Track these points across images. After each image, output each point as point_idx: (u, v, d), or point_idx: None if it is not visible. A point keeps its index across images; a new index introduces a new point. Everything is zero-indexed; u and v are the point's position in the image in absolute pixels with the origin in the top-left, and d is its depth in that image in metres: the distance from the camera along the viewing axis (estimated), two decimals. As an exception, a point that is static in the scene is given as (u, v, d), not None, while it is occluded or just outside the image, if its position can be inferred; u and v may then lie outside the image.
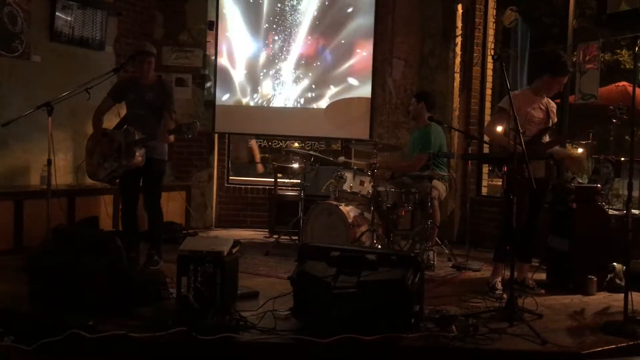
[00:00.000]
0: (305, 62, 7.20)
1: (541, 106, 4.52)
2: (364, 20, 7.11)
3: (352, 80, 7.16)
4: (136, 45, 6.72)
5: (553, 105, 4.63)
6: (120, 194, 5.04)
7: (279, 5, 7.19)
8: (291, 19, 7.19)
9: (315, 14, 7.16)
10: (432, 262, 5.21)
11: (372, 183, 5.24)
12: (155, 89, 4.81)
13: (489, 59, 6.76)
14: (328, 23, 7.16)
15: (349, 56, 7.14)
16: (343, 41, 7.15)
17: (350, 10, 7.14)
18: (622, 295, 3.72)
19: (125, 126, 4.81)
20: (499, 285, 4.38)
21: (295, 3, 7.17)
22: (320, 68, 7.19)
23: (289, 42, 7.20)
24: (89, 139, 4.97)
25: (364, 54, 7.11)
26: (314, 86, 7.20)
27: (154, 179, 4.87)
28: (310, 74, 7.21)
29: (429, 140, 5.54)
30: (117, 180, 4.94)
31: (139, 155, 4.63)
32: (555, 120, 4.67)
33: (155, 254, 4.80)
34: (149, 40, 6.94)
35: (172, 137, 4.60)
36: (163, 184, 5.04)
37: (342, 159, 6.50)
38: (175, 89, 6.17)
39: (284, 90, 7.24)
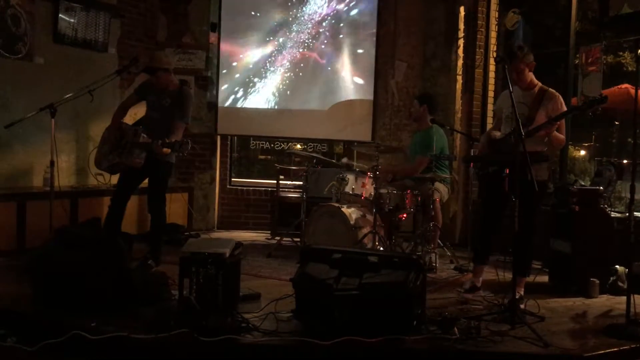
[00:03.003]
0: (307, 64, 7.21)
1: (526, 101, 4.11)
2: (366, 22, 7.12)
3: (354, 83, 7.17)
4: (139, 47, 6.79)
5: (550, 95, 4.11)
6: (115, 188, 5.03)
7: (281, 6, 7.20)
8: (294, 21, 7.20)
9: (318, 16, 7.17)
10: (434, 264, 5.21)
11: (374, 185, 5.24)
12: (173, 96, 4.78)
13: (491, 61, 6.76)
14: (330, 25, 7.17)
15: (351, 58, 7.15)
16: (345, 43, 7.16)
17: (352, 12, 7.15)
18: (624, 297, 3.72)
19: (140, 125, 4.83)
20: (467, 285, 4.45)
21: (297, 5, 7.19)
22: (322, 70, 7.19)
23: (291, 44, 7.20)
24: (107, 128, 4.94)
25: (366, 56, 7.12)
26: (316, 88, 7.20)
27: (159, 180, 4.86)
28: (312, 76, 7.21)
29: (430, 143, 5.53)
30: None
31: (137, 157, 4.59)
32: (558, 109, 4.07)
33: (150, 257, 4.77)
34: (151, 43, 6.99)
35: (167, 150, 4.55)
36: (168, 186, 5.03)
37: (345, 160, 6.51)
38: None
39: (286, 92, 7.24)
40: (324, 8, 7.17)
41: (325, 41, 7.18)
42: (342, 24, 7.16)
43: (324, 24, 7.18)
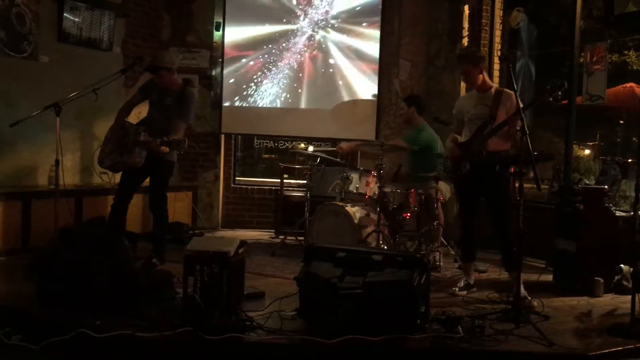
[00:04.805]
0: (311, 63, 7.21)
1: (485, 102, 4.32)
2: (370, 21, 7.11)
3: (358, 81, 7.16)
4: (144, 46, 6.80)
5: (507, 95, 4.27)
6: (117, 186, 5.05)
7: (285, 5, 7.20)
8: (299, 18, 7.20)
9: (322, 14, 7.17)
10: (438, 263, 5.21)
11: (377, 184, 5.24)
12: (175, 96, 4.77)
13: (496, 59, 6.75)
14: (335, 23, 7.17)
15: (355, 57, 7.14)
16: (349, 42, 7.16)
17: (356, 11, 7.15)
18: (629, 297, 3.71)
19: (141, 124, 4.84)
20: (461, 284, 4.47)
21: (303, 4, 7.18)
22: (326, 69, 7.19)
23: (296, 42, 7.21)
24: (111, 127, 4.93)
25: (370, 55, 7.11)
26: (320, 87, 7.20)
27: (160, 179, 4.85)
28: (316, 75, 7.21)
29: (415, 138, 5.58)
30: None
31: (138, 156, 4.57)
32: (514, 108, 4.09)
33: (154, 256, 4.77)
34: (156, 42, 7.00)
35: (165, 148, 4.55)
36: (168, 186, 5.03)
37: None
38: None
39: (291, 91, 7.24)
40: (329, 7, 7.17)
41: (329, 40, 7.18)
42: (346, 23, 7.16)
43: (328, 22, 7.18)
